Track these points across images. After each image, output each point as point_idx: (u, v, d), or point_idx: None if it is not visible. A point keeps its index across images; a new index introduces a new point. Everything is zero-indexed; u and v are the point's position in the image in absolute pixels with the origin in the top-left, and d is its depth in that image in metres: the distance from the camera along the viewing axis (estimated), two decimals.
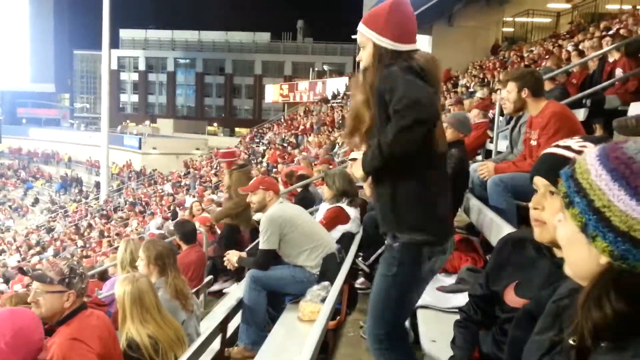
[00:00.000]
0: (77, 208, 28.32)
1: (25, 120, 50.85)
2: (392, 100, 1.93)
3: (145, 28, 61.70)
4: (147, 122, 48.62)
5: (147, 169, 32.74)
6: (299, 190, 7.13)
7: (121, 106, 59.80)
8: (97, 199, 29.35)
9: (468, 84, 15.09)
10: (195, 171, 26.68)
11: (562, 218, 0.92)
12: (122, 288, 2.78)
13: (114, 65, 51.41)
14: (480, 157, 6.66)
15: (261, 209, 4.09)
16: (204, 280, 5.41)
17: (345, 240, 4.43)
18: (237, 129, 51.84)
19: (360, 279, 4.51)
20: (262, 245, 3.88)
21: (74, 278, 2.47)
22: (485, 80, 14.11)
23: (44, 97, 53.10)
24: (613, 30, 9.57)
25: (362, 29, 2.13)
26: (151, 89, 60.73)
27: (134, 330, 2.73)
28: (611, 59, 6.38)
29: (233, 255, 4.22)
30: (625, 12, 14.29)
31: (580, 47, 8.98)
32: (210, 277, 5.63)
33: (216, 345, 3.46)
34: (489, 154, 6.38)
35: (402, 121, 1.89)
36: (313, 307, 3.52)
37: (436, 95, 2.07)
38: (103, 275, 7.03)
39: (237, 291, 4.35)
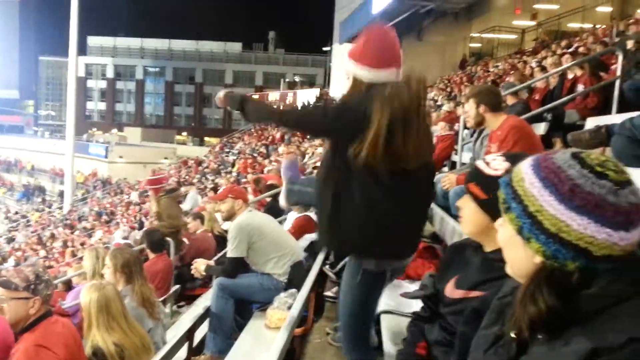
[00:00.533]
0: (39, 217, 27.58)
1: None
2: None
3: (114, 35, 60.91)
4: (114, 131, 47.75)
5: (114, 178, 32.15)
6: (268, 199, 7.17)
7: (88, 114, 58.68)
8: (60, 208, 28.62)
9: (436, 98, 15.41)
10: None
11: (502, 222, 1.01)
12: (88, 295, 2.77)
13: (81, 73, 50.47)
14: (446, 169, 6.82)
15: (230, 217, 4.11)
16: (171, 289, 5.38)
17: (313, 248, 4.49)
18: (207, 139, 51.43)
19: (335, 288, 4.56)
20: (230, 253, 3.91)
21: (39, 284, 2.45)
22: (452, 94, 14.46)
23: (7, 103, 51.79)
24: (573, 47, 9.97)
25: (346, 59, 2.19)
26: (119, 97, 59.83)
27: (99, 337, 2.72)
28: (570, 76, 6.65)
29: (200, 264, 4.22)
30: (585, 30, 14.88)
31: (543, 63, 9.32)
32: (178, 286, 5.60)
33: (183, 353, 3.46)
34: (454, 165, 6.55)
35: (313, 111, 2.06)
36: (280, 315, 3.55)
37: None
38: (67, 286, 6.90)
39: (205, 299, 4.35)
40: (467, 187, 1.55)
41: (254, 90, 49.16)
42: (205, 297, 4.65)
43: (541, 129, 6.06)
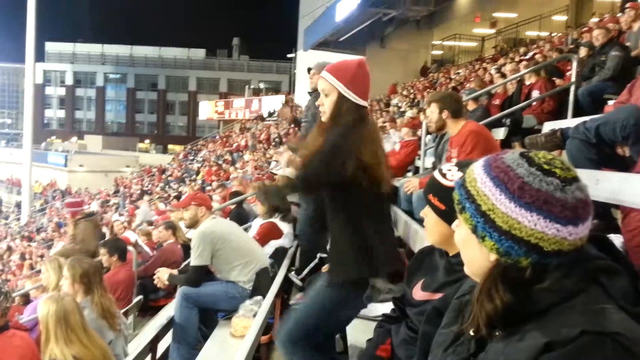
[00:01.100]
0: None
1: None
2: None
3: (74, 41, 59.46)
4: (73, 139, 46.56)
5: (74, 188, 31.30)
6: (233, 207, 7.10)
7: (46, 122, 57.06)
8: (18, 219, 27.71)
9: (400, 104, 15.61)
10: (126, 189, 25.82)
11: (458, 223, 1.03)
12: (46, 307, 2.67)
13: (39, 79, 49.10)
14: (410, 174, 6.91)
15: (193, 224, 4.06)
16: (133, 301, 5.26)
17: (278, 255, 4.47)
18: (170, 146, 50.65)
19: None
20: (193, 262, 3.85)
21: None
22: (415, 100, 14.68)
23: None
24: (530, 55, 10.27)
25: (329, 77, 2.25)
26: (79, 105, 58.36)
27: (58, 350, 2.63)
28: (528, 82, 6.85)
29: (163, 273, 4.15)
30: (542, 38, 15.37)
31: (502, 70, 9.57)
32: (140, 297, 5.48)
33: None
34: (418, 170, 6.64)
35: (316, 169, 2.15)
36: (245, 322, 3.51)
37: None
38: (25, 299, 6.66)
39: (169, 310, 4.27)
40: (427, 199, 1.59)
41: (218, 97, 48.72)
42: (168, 307, 4.57)
43: (500, 133, 6.21)
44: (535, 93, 6.48)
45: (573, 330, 0.84)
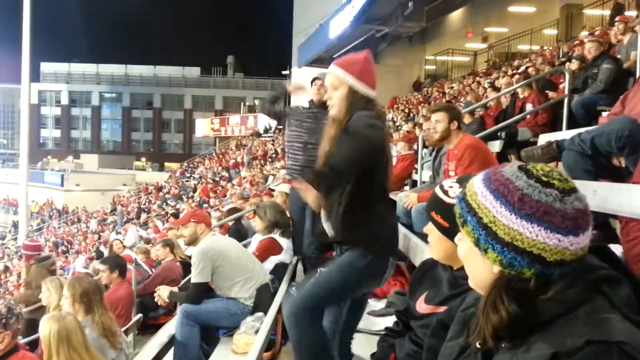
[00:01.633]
0: None
1: None
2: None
3: (69, 61, 59.68)
4: (69, 158, 46.53)
5: (70, 207, 31.18)
6: (231, 223, 7.10)
7: (42, 141, 56.99)
8: (15, 239, 27.51)
9: (395, 118, 15.70)
10: (123, 208, 25.74)
11: (460, 237, 1.05)
12: (48, 327, 2.66)
13: (34, 100, 49.14)
14: (407, 187, 6.94)
15: (192, 242, 4.06)
16: (133, 318, 5.23)
17: (279, 270, 4.47)
18: (167, 164, 50.61)
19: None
20: (194, 279, 3.84)
21: (10, 318, 2.37)
22: (411, 114, 14.78)
23: None
24: (523, 68, 10.38)
25: (337, 71, 2.32)
26: (74, 124, 58.35)
27: None
28: (521, 95, 6.93)
29: (164, 291, 4.14)
30: (534, 52, 15.55)
31: (496, 84, 9.67)
32: (140, 315, 5.45)
33: None
34: (415, 183, 6.67)
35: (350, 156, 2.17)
36: (247, 339, 3.50)
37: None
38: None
39: (169, 327, 4.25)
40: (430, 216, 1.59)
41: (214, 114, 48.81)
42: (169, 325, 4.54)
43: (496, 146, 6.27)
44: (528, 106, 6.55)
45: (579, 341, 0.85)
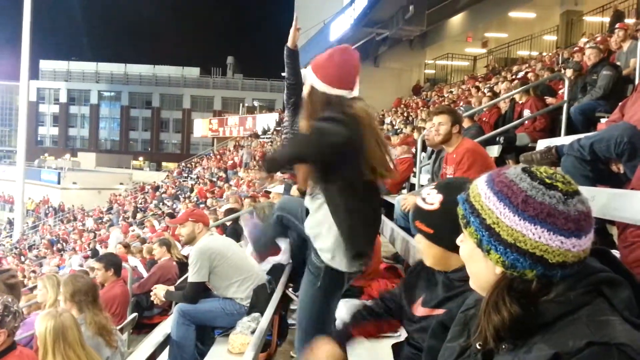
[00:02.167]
0: None
1: None
2: None
3: (68, 59, 59.63)
4: (67, 156, 46.43)
5: (67, 205, 31.12)
6: (229, 223, 7.10)
7: (39, 139, 56.93)
8: (10, 236, 27.47)
9: (393, 122, 15.72)
10: (119, 206, 25.69)
11: (463, 238, 1.05)
12: (44, 323, 2.65)
13: (33, 97, 49.10)
14: (405, 190, 6.94)
15: (190, 241, 4.04)
16: (128, 318, 5.22)
17: (276, 271, 4.45)
18: (164, 163, 50.56)
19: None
20: (191, 278, 3.83)
21: (7, 316, 2.36)
22: (410, 118, 14.79)
23: None
24: (522, 73, 10.42)
25: (306, 70, 2.35)
26: (72, 122, 58.30)
27: None
28: (520, 101, 6.95)
29: (160, 290, 4.13)
30: (533, 57, 15.60)
31: (495, 89, 9.69)
32: (135, 314, 5.43)
33: None
34: (413, 187, 6.67)
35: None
36: (243, 339, 3.49)
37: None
38: None
39: (165, 327, 4.24)
40: (415, 225, 1.61)
41: (212, 115, 48.81)
42: (164, 324, 4.53)
43: (494, 151, 6.28)
44: (526, 112, 6.58)
45: (580, 342, 0.85)
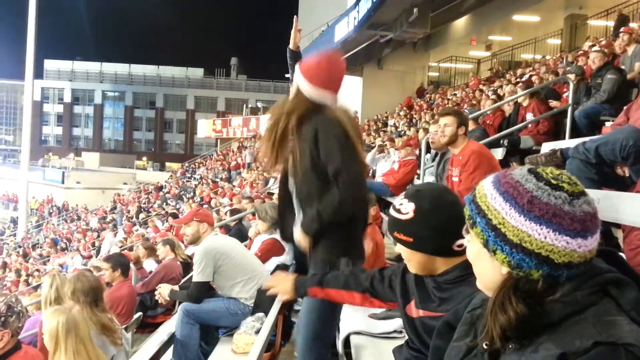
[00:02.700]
0: None
1: None
2: (320, 155, 2.24)
3: (72, 59, 59.84)
4: (71, 156, 46.56)
5: (70, 204, 31.19)
6: (233, 224, 7.12)
7: (43, 138, 57.12)
8: (14, 235, 27.54)
9: (397, 124, 15.73)
10: (123, 206, 25.75)
11: (469, 238, 1.07)
12: (54, 319, 2.60)
13: (37, 97, 49.29)
14: None
15: (195, 241, 4.06)
16: (133, 317, 5.24)
17: (280, 271, 4.47)
18: (168, 164, 50.71)
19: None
20: (196, 278, 3.85)
21: (10, 317, 2.35)
22: (414, 120, 14.81)
23: None
24: (526, 77, 10.42)
25: (297, 70, 2.39)
26: (76, 122, 58.49)
27: None
28: (524, 104, 6.95)
29: (165, 289, 4.15)
30: (537, 61, 15.58)
31: (499, 92, 9.69)
32: (140, 314, 5.45)
33: None
34: None
35: (341, 195, 2.21)
36: (247, 339, 3.51)
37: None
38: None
39: (169, 326, 4.26)
40: (394, 237, 1.62)
41: (216, 115, 48.90)
42: (169, 323, 4.55)
43: (499, 154, 6.29)
44: (529, 115, 6.59)
45: (586, 342, 0.86)
